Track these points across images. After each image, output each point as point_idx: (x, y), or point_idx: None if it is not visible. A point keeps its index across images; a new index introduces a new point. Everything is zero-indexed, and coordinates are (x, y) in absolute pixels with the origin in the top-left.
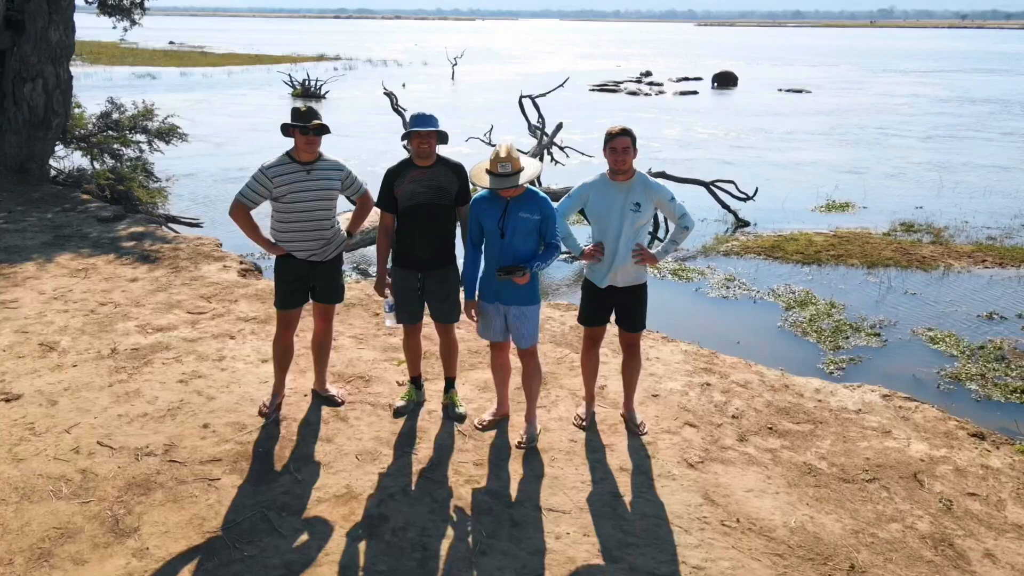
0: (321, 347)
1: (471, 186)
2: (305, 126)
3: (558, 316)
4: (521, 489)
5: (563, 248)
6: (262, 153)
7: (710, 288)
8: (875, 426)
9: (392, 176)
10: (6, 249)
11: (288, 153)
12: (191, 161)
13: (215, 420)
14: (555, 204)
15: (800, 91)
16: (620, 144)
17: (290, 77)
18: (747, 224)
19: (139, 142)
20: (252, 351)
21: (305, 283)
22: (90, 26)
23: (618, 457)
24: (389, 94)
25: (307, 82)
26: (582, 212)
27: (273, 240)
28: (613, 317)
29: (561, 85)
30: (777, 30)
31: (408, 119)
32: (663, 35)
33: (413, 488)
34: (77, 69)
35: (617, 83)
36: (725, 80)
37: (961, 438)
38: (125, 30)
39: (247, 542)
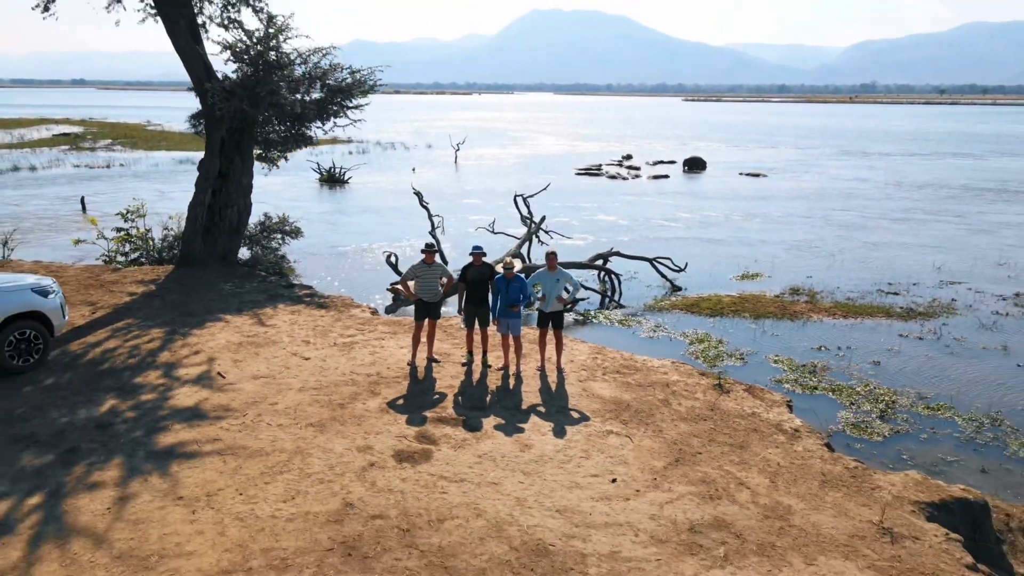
0: (430, 337)
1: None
2: (429, 251)
3: (531, 332)
4: (513, 386)
5: (531, 300)
6: (355, 236)
7: (642, 332)
8: (662, 371)
9: (465, 269)
10: (250, 303)
11: (423, 260)
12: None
13: (392, 365)
14: (527, 279)
15: (758, 175)
16: (552, 257)
17: (318, 165)
18: (680, 289)
19: (277, 237)
20: (395, 345)
21: (426, 311)
22: (116, 104)
23: (551, 379)
24: (418, 193)
25: (332, 169)
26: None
27: (413, 291)
28: (551, 324)
29: (543, 189)
30: (762, 105)
31: (471, 248)
32: (651, 111)
33: (474, 384)
34: (123, 155)
35: (599, 166)
36: (695, 164)
37: (696, 375)
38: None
39: (419, 395)
